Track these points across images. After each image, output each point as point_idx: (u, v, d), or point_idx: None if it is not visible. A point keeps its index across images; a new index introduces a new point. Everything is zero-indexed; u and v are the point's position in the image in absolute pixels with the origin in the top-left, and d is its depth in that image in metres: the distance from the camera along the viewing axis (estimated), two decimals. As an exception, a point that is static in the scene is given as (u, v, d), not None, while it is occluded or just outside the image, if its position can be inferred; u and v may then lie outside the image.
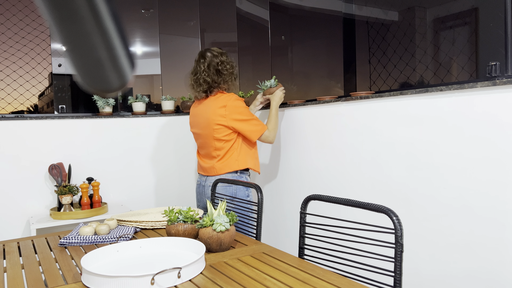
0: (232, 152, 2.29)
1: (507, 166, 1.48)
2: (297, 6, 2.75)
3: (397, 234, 1.16)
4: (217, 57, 2.33)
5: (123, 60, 0.46)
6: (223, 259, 1.30)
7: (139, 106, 2.91)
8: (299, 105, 2.46)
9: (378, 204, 1.21)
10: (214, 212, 1.43)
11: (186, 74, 3.27)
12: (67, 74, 2.82)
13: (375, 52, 2.18)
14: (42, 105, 2.81)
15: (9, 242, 1.62)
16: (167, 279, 1.09)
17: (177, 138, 3.03)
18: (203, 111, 2.32)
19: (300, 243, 1.51)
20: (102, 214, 2.48)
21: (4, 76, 2.63)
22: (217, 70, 2.30)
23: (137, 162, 2.87)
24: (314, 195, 1.47)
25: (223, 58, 2.34)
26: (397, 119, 1.88)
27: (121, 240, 1.54)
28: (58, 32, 0.43)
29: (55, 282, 1.16)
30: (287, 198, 2.63)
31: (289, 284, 1.08)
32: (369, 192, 2.04)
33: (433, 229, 1.74)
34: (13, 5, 2.64)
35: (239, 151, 2.30)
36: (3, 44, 2.62)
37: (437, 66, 1.86)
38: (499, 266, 1.52)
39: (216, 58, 2.33)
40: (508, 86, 1.47)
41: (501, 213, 1.51)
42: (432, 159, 1.74)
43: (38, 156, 2.54)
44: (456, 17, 1.77)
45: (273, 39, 2.91)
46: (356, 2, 2.29)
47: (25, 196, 2.51)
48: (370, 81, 2.23)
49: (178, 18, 3.23)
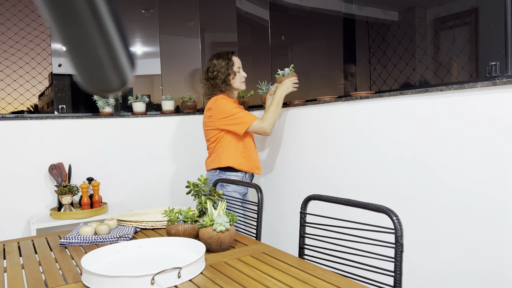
0: (216, 150, 2.37)
1: (507, 166, 1.48)
2: (297, 6, 2.75)
3: (397, 234, 1.16)
4: (208, 63, 2.45)
5: (123, 60, 0.46)
6: (223, 259, 1.30)
7: (139, 106, 2.91)
8: (299, 105, 2.46)
9: (378, 204, 1.21)
10: (214, 212, 1.43)
11: (186, 74, 3.27)
12: (67, 74, 2.82)
13: (375, 52, 2.18)
14: (42, 105, 2.81)
15: (9, 242, 1.62)
16: (167, 279, 1.09)
17: (177, 138, 3.02)
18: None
19: (300, 243, 1.51)
20: (102, 214, 2.48)
21: (4, 76, 2.63)
22: (207, 78, 2.41)
23: (137, 162, 2.87)
24: (314, 195, 1.47)
25: (210, 63, 2.42)
26: (397, 119, 1.88)
27: (121, 240, 1.54)
28: (58, 32, 0.43)
29: (55, 282, 1.16)
30: (287, 198, 2.63)
31: (289, 284, 1.08)
32: (369, 192, 2.04)
33: (433, 229, 1.74)
34: (13, 5, 2.64)
35: (223, 149, 2.34)
36: (3, 44, 2.62)
37: (437, 66, 1.86)
38: (499, 266, 1.52)
39: (207, 64, 2.45)
40: (508, 86, 1.47)
41: (501, 213, 1.51)
42: (432, 159, 1.74)
43: (38, 156, 2.54)
44: (456, 17, 1.77)
45: (273, 39, 2.91)
46: (356, 2, 2.29)
47: (25, 196, 2.51)
48: (370, 81, 2.23)
49: (178, 18, 3.23)
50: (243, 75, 2.46)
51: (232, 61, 2.42)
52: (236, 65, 2.42)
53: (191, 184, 1.61)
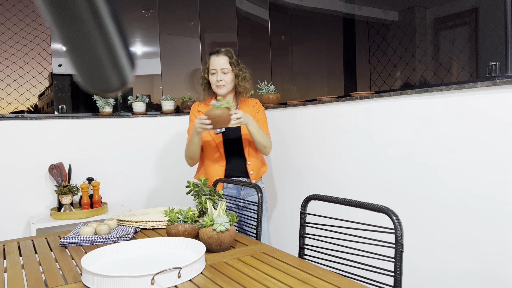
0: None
1: (507, 166, 1.48)
2: (297, 6, 2.75)
3: (397, 234, 1.16)
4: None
5: (123, 60, 0.46)
6: (223, 259, 1.30)
7: (139, 106, 2.91)
8: (299, 105, 2.46)
9: (378, 204, 1.21)
10: (214, 212, 1.43)
11: (186, 74, 3.27)
12: (67, 74, 2.82)
13: (375, 52, 2.18)
14: (42, 105, 2.81)
15: (9, 242, 1.62)
16: (167, 279, 1.09)
17: (177, 138, 3.02)
18: None
19: (300, 243, 1.51)
20: (102, 214, 2.48)
21: (4, 76, 2.64)
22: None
23: (137, 162, 2.87)
24: (314, 195, 1.47)
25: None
26: (397, 119, 1.88)
27: (121, 240, 1.54)
28: (58, 32, 0.43)
29: (55, 282, 1.16)
30: (287, 198, 2.63)
31: (289, 284, 1.08)
32: (369, 192, 2.04)
33: (433, 229, 1.74)
34: (13, 5, 2.64)
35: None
36: (3, 44, 2.62)
37: (437, 66, 1.86)
38: (499, 266, 1.52)
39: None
40: (508, 86, 1.47)
41: (501, 213, 1.51)
42: (432, 159, 1.74)
43: (38, 156, 2.54)
44: (456, 17, 1.77)
45: (273, 39, 2.91)
46: (356, 2, 2.29)
47: (25, 196, 2.51)
48: (370, 81, 2.23)
49: (178, 18, 3.23)
50: (216, 79, 2.17)
51: (208, 62, 2.22)
52: (211, 67, 2.19)
53: (191, 184, 1.61)
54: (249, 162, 2.20)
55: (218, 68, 2.17)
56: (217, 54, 2.19)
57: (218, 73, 2.17)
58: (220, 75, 2.17)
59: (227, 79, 2.18)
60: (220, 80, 2.17)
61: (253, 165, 2.22)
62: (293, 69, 2.86)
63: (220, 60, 2.17)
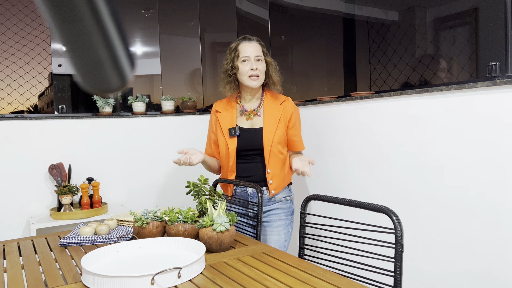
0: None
1: (507, 166, 1.48)
2: (297, 6, 2.75)
3: (397, 234, 1.15)
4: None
5: (123, 60, 0.46)
6: (223, 259, 1.30)
7: (139, 106, 2.91)
8: (299, 105, 2.46)
9: (378, 204, 1.21)
10: (214, 212, 1.43)
11: (186, 74, 3.27)
12: (67, 74, 2.81)
13: (375, 52, 2.18)
14: (42, 105, 2.81)
15: (9, 242, 1.62)
16: (167, 279, 1.08)
17: (177, 138, 3.02)
18: None
19: (300, 243, 1.51)
20: (102, 214, 2.48)
21: (4, 76, 2.63)
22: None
23: (137, 162, 2.87)
24: (314, 195, 1.47)
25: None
26: (397, 119, 1.88)
27: (121, 240, 1.54)
28: (58, 32, 0.43)
29: (55, 282, 1.16)
30: (287, 198, 2.63)
31: (289, 284, 1.08)
32: (369, 192, 2.04)
33: (434, 229, 1.74)
34: (13, 5, 2.64)
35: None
36: (3, 44, 2.62)
37: (437, 66, 1.86)
38: (498, 266, 1.52)
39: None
40: (508, 86, 1.47)
41: (501, 213, 1.51)
42: (432, 159, 1.74)
43: (38, 156, 2.54)
44: (456, 17, 1.77)
45: (273, 39, 2.91)
46: (356, 2, 2.29)
47: (25, 196, 2.51)
48: (370, 81, 2.23)
49: (178, 18, 3.23)
50: (250, 67, 1.89)
51: (238, 50, 1.93)
52: (242, 54, 1.91)
53: (191, 184, 1.61)
54: (268, 170, 1.91)
55: (252, 55, 1.89)
56: (250, 41, 1.93)
57: (252, 61, 1.89)
58: (255, 63, 1.89)
59: (262, 68, 1.92)
60: (256, 69, 1.89)
61: (273, 174, 1.91)
62: (293, 69, 2.86)
63: (254, 47, 1.91)
